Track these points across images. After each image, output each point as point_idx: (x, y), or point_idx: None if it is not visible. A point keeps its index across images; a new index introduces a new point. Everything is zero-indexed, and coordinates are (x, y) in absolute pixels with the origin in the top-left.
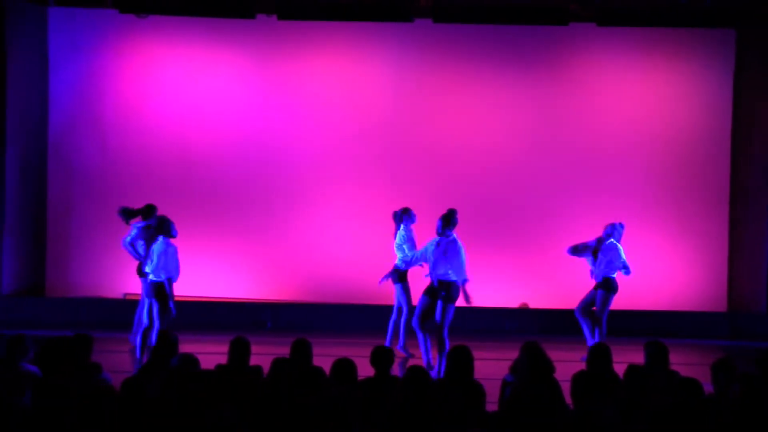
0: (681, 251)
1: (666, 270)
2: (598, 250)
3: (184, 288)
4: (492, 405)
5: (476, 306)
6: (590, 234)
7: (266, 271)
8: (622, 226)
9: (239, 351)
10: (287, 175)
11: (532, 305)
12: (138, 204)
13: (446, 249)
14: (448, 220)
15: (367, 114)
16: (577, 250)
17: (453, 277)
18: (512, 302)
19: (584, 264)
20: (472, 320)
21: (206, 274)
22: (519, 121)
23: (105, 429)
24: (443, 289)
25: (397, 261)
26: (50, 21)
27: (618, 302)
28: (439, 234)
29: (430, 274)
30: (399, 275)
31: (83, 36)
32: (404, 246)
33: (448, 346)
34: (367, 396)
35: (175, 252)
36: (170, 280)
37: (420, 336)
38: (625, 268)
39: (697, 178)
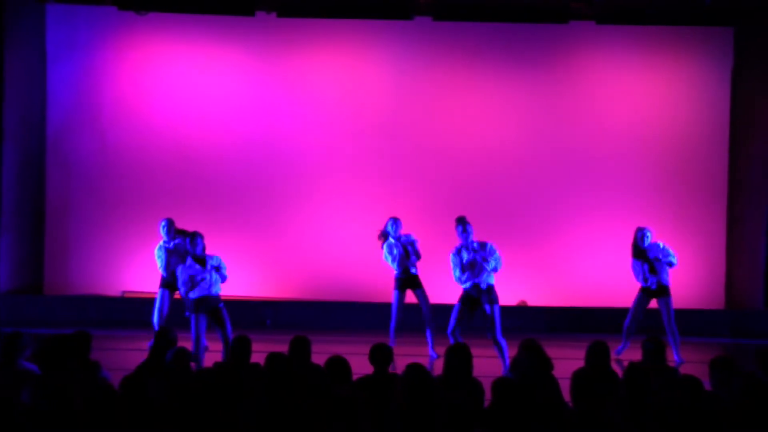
0: (679, 249)
1: None
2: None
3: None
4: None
5: None
6: (589, 231)
7: (267, 269)
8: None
9: (241, 350)
10: (287, 172)
11: (531, 303)
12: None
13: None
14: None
15: (366, 111)
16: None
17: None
18: (511, 300)
19: (581, 261)
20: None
21: None
22: (518, 119)
23: (104, 427)
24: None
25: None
26: (48, 17)
27: (617, 300)
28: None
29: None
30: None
31: (82, 33)
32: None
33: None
34: (366, 394)
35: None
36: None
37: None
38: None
39: (695, 175)
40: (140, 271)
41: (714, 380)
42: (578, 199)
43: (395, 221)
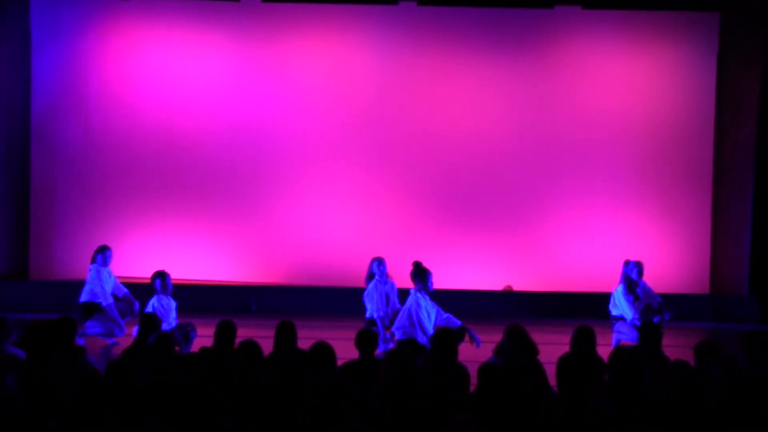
0: (664, 234)
1: (649, 253)
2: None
3: (170, 270)
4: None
5: (461, 288)
6: (575, 216)
7: (252, 254)
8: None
9: (226, 334)
10: (272, 157)
11: (517, 288)
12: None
13: None
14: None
15: (351, 97)
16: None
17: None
18: (497, 285)
19: (567, 247)
20: (457, 303)
21: (191, 257)
22: (504, 104)
23: (90, 412)
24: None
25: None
26: (32, 2)
27: (601, 285)
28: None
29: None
30: None
31: (66, 18)
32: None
33: None
34: (351, 379)
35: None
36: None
37: None
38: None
39: (680, 160)
40: (126, 256)
41: (698, 365)
42: (563, 185)
43: (380, 261)
